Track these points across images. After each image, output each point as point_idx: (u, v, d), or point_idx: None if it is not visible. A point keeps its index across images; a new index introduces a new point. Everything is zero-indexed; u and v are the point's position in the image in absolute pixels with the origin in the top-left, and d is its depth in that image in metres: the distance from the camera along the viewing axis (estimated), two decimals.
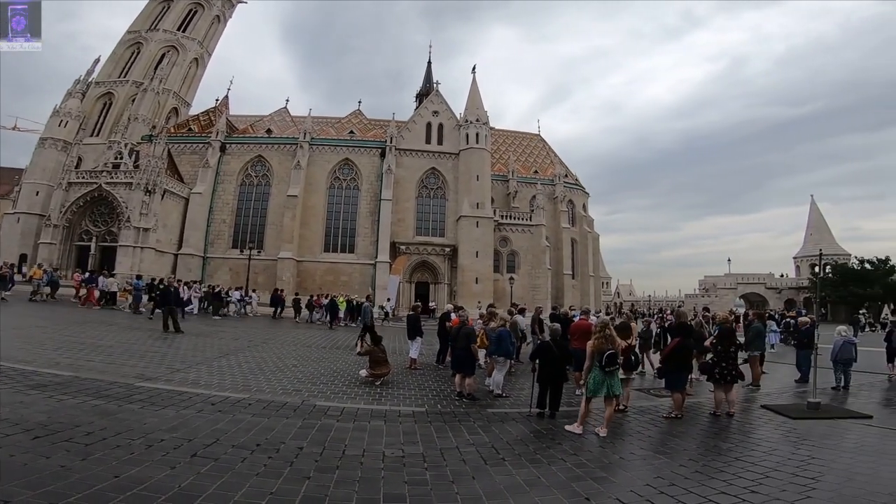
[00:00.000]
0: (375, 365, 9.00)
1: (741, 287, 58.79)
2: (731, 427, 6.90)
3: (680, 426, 6.85)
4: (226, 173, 38.93)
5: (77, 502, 3.29)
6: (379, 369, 8.96)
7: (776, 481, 4.49)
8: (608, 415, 6.32)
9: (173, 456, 4.41)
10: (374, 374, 8.93)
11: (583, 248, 45.70)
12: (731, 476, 4.64)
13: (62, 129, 38.39)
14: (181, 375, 8.35)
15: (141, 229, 32.27)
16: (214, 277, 34.18)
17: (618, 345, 6.51)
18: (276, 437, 5.30)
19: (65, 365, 8.16)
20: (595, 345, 6.46)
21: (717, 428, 6.84)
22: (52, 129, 38.46)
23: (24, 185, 37.21)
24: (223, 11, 48.93)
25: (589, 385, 6.42)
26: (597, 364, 6.36)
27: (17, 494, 3.27)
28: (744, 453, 5.51)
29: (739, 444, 6.02)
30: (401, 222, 38.60)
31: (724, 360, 7.53)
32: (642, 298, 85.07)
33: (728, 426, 6.94)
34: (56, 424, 4.94)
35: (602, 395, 6.29)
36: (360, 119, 44.12)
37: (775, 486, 4.35)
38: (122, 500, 3.38)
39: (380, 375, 8.92)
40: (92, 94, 41.48)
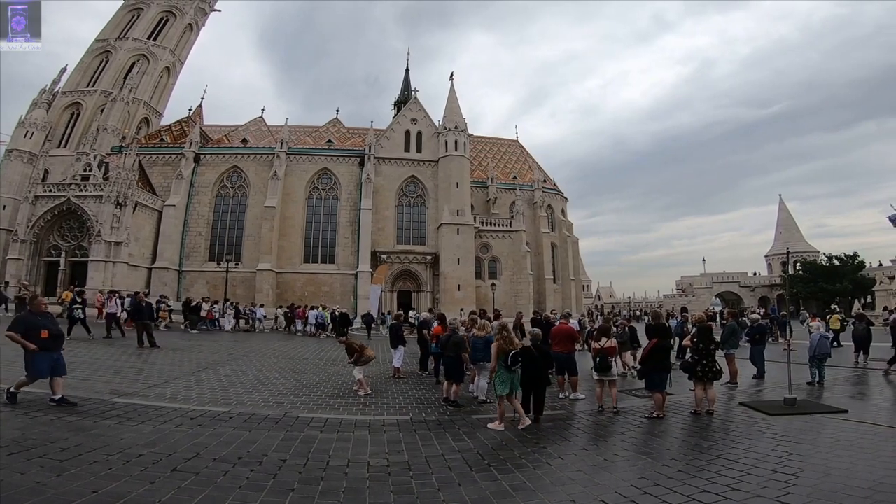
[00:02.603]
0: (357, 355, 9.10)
1: (717, 286, 60.27)
2: (711, 425, 7.01)
3: (661, 426, 6.96)
4: (200, 185, 38.22)
5: None
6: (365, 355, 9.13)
7: (756, 478, 4.59)
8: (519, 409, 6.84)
9: (153, 471, 4.32)
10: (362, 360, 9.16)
11: (563, 253, 46.27)
12: (712, 474, 4.74)
13: (28, 141, 37.25)
14: (158, 390, 8.15)
15: (112, 243, 31.34)
16: (191, 291, 33.41)
17: (517, 345, 7.06)
18: (258, 449, 5.23)
19: (37, 383, 7.87)
20: (498, 346, 7.00)
21: (698, 426, 6.95)
22: (18, 140, 37.26)
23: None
24: (196, 20, 48.35)
25: (496, 384, 6.97)
26: (502, 364, 6.88)
27: None
28: (724, 451, 5.62)
29: (720, 441, 6.15)
30: (381, 231, 38.50)
31: (704, 358, 7.66)
32: (622, 300, 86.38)
33: (709, 424, 7.05)
34: (30, 441, 4.83)
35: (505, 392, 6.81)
36: (339, 128, 43.98)
37: (756, 483, 4.46)
38: None
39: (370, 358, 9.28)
40: (59, 104, 40.40)
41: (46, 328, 6.69)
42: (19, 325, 6.69)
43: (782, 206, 65.82)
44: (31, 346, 6.43)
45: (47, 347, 6.58)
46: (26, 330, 6.55)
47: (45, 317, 7.03)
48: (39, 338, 6.53)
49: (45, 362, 6.53)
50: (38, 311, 7.02)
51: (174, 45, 45.76)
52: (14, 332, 6.54)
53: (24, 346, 6.44)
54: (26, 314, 6.99)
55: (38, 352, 6.47)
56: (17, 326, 6.64)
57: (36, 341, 6.49)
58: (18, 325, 6.67)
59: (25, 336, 6.48)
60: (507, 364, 6.83)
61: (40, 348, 6.50)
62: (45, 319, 6.91)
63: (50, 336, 6.66)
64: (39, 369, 6.48)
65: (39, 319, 6.82)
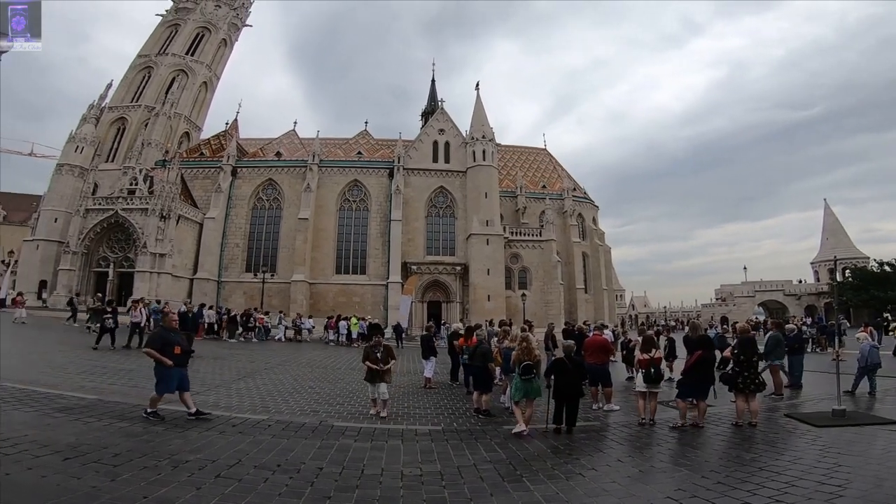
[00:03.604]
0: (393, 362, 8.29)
1: (759, 295, 57.89)
2: (754, 437, 6.83)
3: (700, 437, 6.81)
4: (238, 197, 39.64)
5: None
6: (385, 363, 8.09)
7: (802, 489, 4.46)
8: (527, 415, 7.16)
9: (198, 477, 4.51)
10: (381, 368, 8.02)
11: (595, 262, 45.47)
12: (755, 486, 4.61)
13: (78, 155, 39.15)
14: (202, 398, 8.48)
15: (157, 255, 32.85)
16: (229, 301, 34.53)
17: (534, 356, 7.40)
18: (295, 457, 5.39)
19: (89, 388, 8.37)
20: (515, 356, 7.51)
21: (740, 438, 6.77)
22: (69, 155, 39.21)
23: (43, 211, 38.05)
24: (229, 35, 50.19)
25: (513, 391, 7.55)
26: (517, 373, 7.31)
27: None
28: (768, 463, 5.45)
29: (763, 453, 5.96)
30: (411, 242, 38.84)
31: (745, 370, 7.52)
32: (657, 310, 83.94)
33: (751, 436, 6.86)
34: (84, 446, 5.08)
35: (520, 398, 7.22)
36: (368, 139, 44.81)
37: (801, 495, 4.33)
38: None
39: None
40: (106, 119, 42.38)
41: (179, 344, 7.02)
42: (156, 341, 7.00)
43: (828, 210, 62.83)
44: (168, 361, 6.71)
45: (178, 363, 6.88)
46: (162, 346, 6.83)
47: (177, 333, 7.40)
48: (173, 354, 6.83)
49: (175, 378, 6.84)
50: (170, 328, 7.37)
51: (210, 59, 47.61)
52: (152, 347, 6.85)
53: (161, 361, 6.71)
54: (160, 330, 7.30)
55: (171, 368, 6.75)
56: (155, 342, 6.95)
57: (170, 357, 6.77)
58: (156, 341, 6.98)
59: (161, 352, 6.76)
60: (520, 374, 7.22)
61: (174, 364, 6.78)
62: (177, 336, 7.25)
63: (181, 352, 6.97)
64: (169, 385, 6.77)
65: (172, 335, 7.15)
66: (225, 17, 48.86)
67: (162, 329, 7.32)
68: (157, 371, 6.79)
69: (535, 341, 7.96)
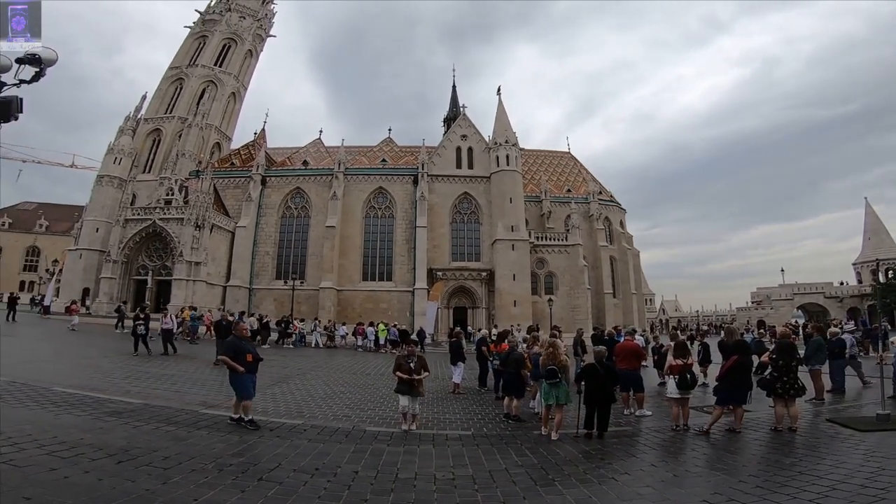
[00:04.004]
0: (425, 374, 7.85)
1: (798, 298, 55.64)
2: (794, 442, 6.72)
3: (738, 442, 6.73)
4: (267, 206, 40.69)
5: None
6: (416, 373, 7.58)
7: (844, 493, 4.39)
8: (557, 421, 7.13)
9: (242, 480, 4.70)
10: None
11: (623, 266, 44.71)
12: (794, 490, 4.56)
13: (117, 167, 40.66)
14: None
15: (192, 263, 34.04)
16: (261, 308, 35.42)
17: (559, 361, 7.41)
18: (332, 461, 5.56)
19: (135, 393, 8.79)
20: (542, 361, 7.64)
21: (779, 443, 6.66)
22: (108, 166, 40.77)
23: (85, 222, 39.72)
24: (254, 46, 51.53)
25: (541, 395, 7.62)
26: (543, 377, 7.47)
27: None
28: (809, 467, 5.36)
29: (804, 458, 5.87)
30: (436, 248, 39.06)
31: (785, 375, 7.40)
32: (689, 314, 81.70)
33: (791, 441, 6.74)
34: (136, 450, 5.34)
35: (551, 402, 7.23)
36: (392, 147, 45.38)
37: (842, 498, 4.27)
38: None
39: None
40: (142, 131, 43.98)
41: (251, 352, 7.25)
42: (230, 348, 7.23)
43: (869, 209, 60.05)
44: (240, 368, 6.94)
45: (250, 370, 7.10)
46: (235, 353, 7.07)
47: (248, 341, 7.70)
48: (246, 361, 7.05)
49: (250, 383, 7.09)
50: (241, 336, 7.65)
51: (237, 70, 49.04)
52: (226, 355, 7.10)
53: (234, 368, 6.95)
54: (234, 339, 7.55)
55: (244, 374, 6.98)
56: (229, 350, 7.19)
57: (243, 364, 6.99)
58: (229, 349, 7.20)
59: (234, 359, 6.99)
60: (545, 377, 7.36)
61: (245, 371, 7.00)
62: (248, 344, 7.54)
63: (253, 359, 7.19)
64: (248, 390, 7.01)
65: (244, 344, 7.41)
66: (249, 29, 50.24)
67: (234, 338, 7.55)
68: (234, 380, 7.04)
69: (562, 347, 7.97)
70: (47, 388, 8.26)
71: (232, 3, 49.72)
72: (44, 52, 7.96)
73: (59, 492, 3.86)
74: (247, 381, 7.03)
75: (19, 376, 9.02)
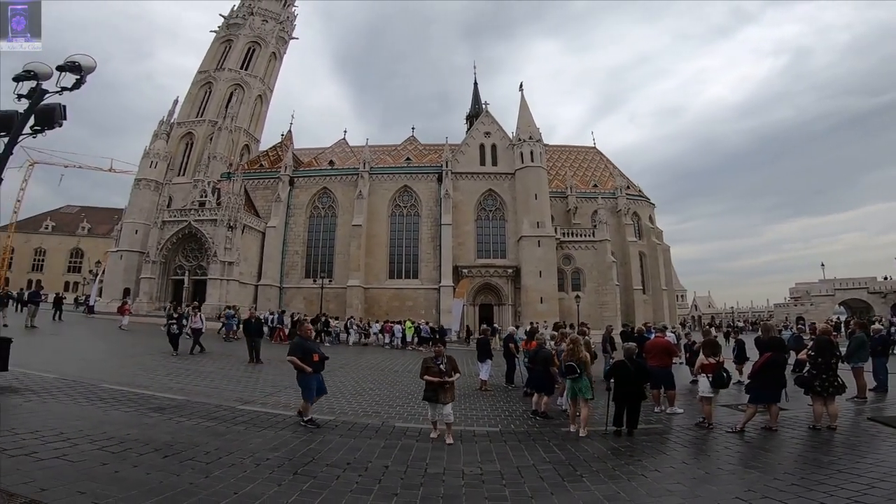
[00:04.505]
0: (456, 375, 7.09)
1: (839, 293, 53.30)
2: (833, 440, 6.55)
3: (773, 440, 6.59)
4: (295, 206, 41.54)
5: None
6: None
7: (883, 491, 4.30)
8: (584, 416, 7.20)
9: (278, 474, 4.88)
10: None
11: (653, 262, 43.74)
12: (832, 487, 4.47)
13: (153, 170, 42.09)
14: (274, 399, 9.13)
15: (226, 263, 35.13)
16: (290, 306, 36.30)
17: (578, 357, 7.49)
18: (363, 456, 5.71)
19: (177, 389, 9.19)
20: (563, 357, 7.80)
21: (817, 441, 6.50)
22: (145, 170, 42.23)
23: (125, 224, 41.28)
24: (278, 48, 52.38)
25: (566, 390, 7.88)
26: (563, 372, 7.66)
27: None
28: (847, 465, 5.24)
29: (842, 456, 5.73)
30: (462, 246, 39.12)
31: (824, 372, 7.23)
32: (723, 310, 79.36)
33: (830, 439, 6.57)
34: (180, 444, 5.60)
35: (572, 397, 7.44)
36: (415, 145, 45.61)
37: (881, 496, 4.18)
38: None
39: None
40: (175, 135, 45.38)
41: (316, 352, 7.39)
42: (297, 349, 7.30)
43: None
44: (308, 368, 7.06)
45: (316, 370, 7.22)
46: (303, 354, 7.17)
47: (313, 341, 7.91)
48: (313, 361, 7.18)
49: (315, 383, 7.21)
50: (306, 336, 7.83)
51: (262, 73, 50.01)
52: (294, 356, 7.19)
53: (302, 369, 7.06)
54: (300, 340, 7.67)
55: (311, 374, 7.11)
56: (296, 351, 7.28)
57: (310, 364, 7.12)
58: (297, 350, 7.29)
59: (302, 360, 7.09)
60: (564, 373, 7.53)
61: (313, 371, 7.14)
62: (313, 344, 7.73)
63: (319, 359, 7.31)
64: (312, 391, 7.14)
65: (309, 344, 7.55)
66: (272, 31, 51.14)
67: (300, 339, 7.70)
68: (301, 380, 7.17)
69: (583, 342, 8.05)
70: (95, 385, 8.71)
71: (254, 6, 50.76)
72: (83, 60, 8.26)
73: (110, 486, 4.07)
74: (313, 381, 7.15)
75: (69, 373, 9.54)
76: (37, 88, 8.10)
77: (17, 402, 6.93)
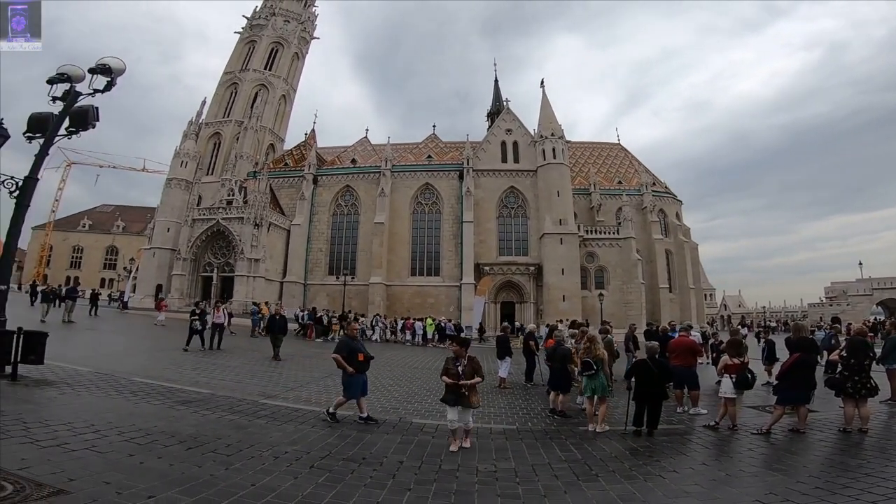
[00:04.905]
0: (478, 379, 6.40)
1: (878, 293, 51.15)
2: (863, 443, 6.33)
3: (800, 443, 6.40)
4: (319, 204, 42.20)
5: None
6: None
7: None
8: (601, 412, 7.30)
9: (296, 467, 4.97)
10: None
11: (680, 260, 42.76)
12: (857, 491, 4.33)
13: (183, 170, 43.42)
14: (295, 394, 9.31)
15: (252, 260, 36.01)
16: (314, 302, 36.86)
17: (595, 354, 7.57)
18: (379, 451, 5.78)
19: (203, 383, 9.47)
20: (580, 355, 7.87)
21: (846, 444, 6.30)
22: (175, 169, 43.59)
23: (157, 222, 42.76)
24: (300, 48, 53.16)
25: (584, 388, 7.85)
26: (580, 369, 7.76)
27: (178, 501, 3.83)
28: (876, 469, 5.06)
29: (872, 459, 5.51)
30: (483, 243, 39.03)
31: (856, 374, 7.01)
32: (754, 310, 76.91)
33: (860, 442, 6.36)
34: (203, 437, 5.75)
35: (588, 395, 7.45)
36: (437, 143, 45.69)
37: None
38: None
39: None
40: (204, 135, 46.62)
41: (362, 351, 7.37)
42: (343, 348, 7.31)
43: None
44: (350, 368, 7.07)
45: (361, 370, 7.21)
46: (348, 353, 7.18)
47: (359, 341, 7.96)
48: (357, 361, 7.17)
49: (359, 383, 7.22)
50: (353, 336, 7.86)
51: (286, 73, 50.88)
52: (339, 354, 7.20)
53: (345, 368, 7.07)
54: (346, 339, 7.73)
55: (354, 374, 7.12)
56: (342, 349, 7.27)
57: (354, 364, 7.12)
58: (343, 348, 7.29)
59: (347, 359, 7.10)
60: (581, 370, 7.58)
61: (356, 371, 7.15)
62: (359, 343, 7.76)
63: (364, 358, 7.29)
64: (355, 390, 7.16)
65: (355, 343, 7.56)
66: (294, 32, 51.90)
67: (346, 337, 7.78)
68: (344, 379, 7.19)
69: (600, 340, 8.09)
70: (127, 378, 9.03)
71: (276, 7, 51.62)
72: (112, 62, 8.55)
73: (134, 476, 4.21)
74: (357, 381, 7.17)
75: (103, 367, 9.92)
76: (70, 91, 8.50)
77: (51, 395, 7.22)
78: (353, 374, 7.09)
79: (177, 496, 3.88)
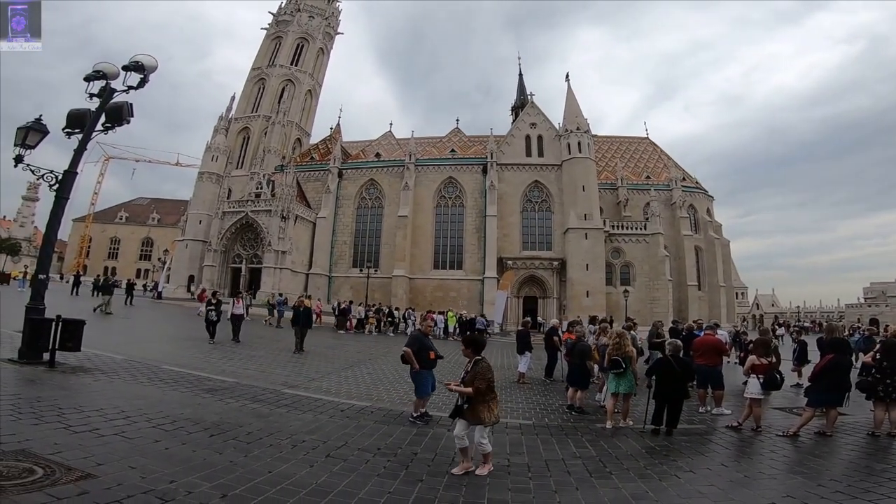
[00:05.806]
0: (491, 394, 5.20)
1: None
2: (890, 448, 6.15)
3: (825, 446, 6.23)
4: (344, 197, 42.74)
5: (242, 493, 3.91)
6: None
7: None
8: (625, 408, 7.46)
9: (312, 455, 5.11)
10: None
11: (710, 256, 41.58)
12: (880, 496, 4.23)
13: (214, 164, 44.59)
14: (316, 384, 9.53)
15: (279, 252, 36.85)
16: (338, 295, 37.54)
17: (624, 352, 7.51)
18: (394, 442, 5.88)
19: (228, 372, 9.79)
20: (608, 352, 7.75)
21: (874, 448, 6.11)
22: (207, 164, 44.81)
23: (190, 215, 44.15)
24: (325, 44, 53.67)
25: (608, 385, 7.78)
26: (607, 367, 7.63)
27: (198, 486, 3.97)
28: None
29: None
30: (506, 237, 38.83)
31: (889, 377, 6.78)
32: (788, 310, 74.26)
33: (888, 447, 6.18)
34: (226, 424, 5.95)
35: (615, 392, 7.39)
36: (460, 137, 45.54)
37: None
38: (274, 493, 3.97)
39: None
40: (233, 130, 47.72)
41: (432, 349, 7.26)
42: (415, 342, 7.23)
43: None
44: (416, 364, 6.98)
45: (429, 367, 7.13)
46: (420, 349, 7.06)
47: (431, 339, 7.84)
48: (427, 358, 7.08)
49: (429, 381, 7.13)
50: (427, 332, 7.77)
51: (311, 68, 51.52)
52: (411, 348, 7.09)
53: (412, 364, 6.99)
54: (419, 334, 7.57)
55: (422, 371, 7.01)
56: (413, 343, 7.21)
57: (424, 361, 7.03)
58: (414, 342, 7.23)
59: (416, 355, 6.98)
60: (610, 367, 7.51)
61: (421, 368, 7.02)
62: (430, 341, 7.66)
63: (434, 357, 7.20)
64: (426, 388, 7.07)
65: (427, 341, 7.39)
66: (319, 27, 52.38)
67: (420, 333, 7.61)
68: (414, 377, 7.12)
69: (629, 338, 7.94)
70: (157, 366, 9.40)
71: (301, 3, 52.18)
72: (145, 59, 8.85)
73: (158, 462, 4.40)
74: (427, 378, 7.08)
75: (135, 355, 10.35)
76: (106, 87, 8.85)
77: (86, 382, 7.57)
78: (417, 370, 7.00)
79: (196, 481, 4.03)
